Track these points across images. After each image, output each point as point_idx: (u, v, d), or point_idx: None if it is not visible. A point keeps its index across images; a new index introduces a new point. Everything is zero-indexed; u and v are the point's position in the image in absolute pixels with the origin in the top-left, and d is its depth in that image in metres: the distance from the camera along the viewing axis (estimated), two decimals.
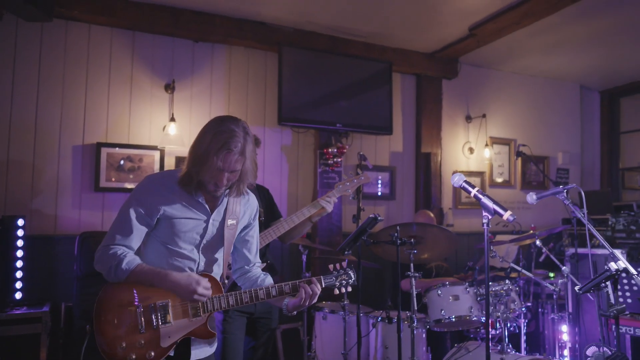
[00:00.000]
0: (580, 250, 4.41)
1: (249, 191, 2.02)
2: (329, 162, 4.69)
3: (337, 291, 2.02)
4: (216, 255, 2.00)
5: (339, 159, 4.72)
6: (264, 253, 3.01)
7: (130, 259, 1.81)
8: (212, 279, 1.90)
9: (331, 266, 2.05)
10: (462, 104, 5.72)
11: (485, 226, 1.99)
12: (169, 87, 4.35)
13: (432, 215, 4.53)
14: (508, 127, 5.99)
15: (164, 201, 1.84)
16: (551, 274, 4.74)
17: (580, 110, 6.62)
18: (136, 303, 1.78)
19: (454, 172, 2.08)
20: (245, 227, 2.08)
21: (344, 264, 2.03)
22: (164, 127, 4.30)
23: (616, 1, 4.20)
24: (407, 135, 5.44)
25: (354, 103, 4.84)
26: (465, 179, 2.08)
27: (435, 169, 5.37)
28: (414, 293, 3.21)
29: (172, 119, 4.27)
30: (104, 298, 1.80)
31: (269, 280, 2.11)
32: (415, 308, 3.18)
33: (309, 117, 4.63)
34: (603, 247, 4.59)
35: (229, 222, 1.95)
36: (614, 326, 3.62)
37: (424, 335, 3.57)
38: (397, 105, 5.33)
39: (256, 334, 3.01)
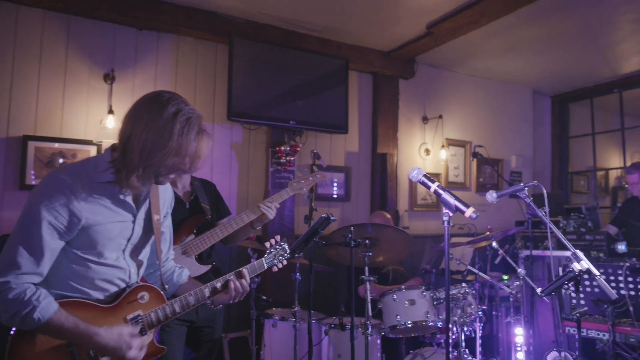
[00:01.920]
0: (535, 252, 4.40)
1: None
2: (282, 160, 4.46)
3: (275, 268, 1.97)
4: (144, 258, 1.75)
5: (292, 158, 4.51)
6: (209, 254, 2.78)
7: (45, 305, 1.43)
8: (151, 289, 1.67)
9: (267, 244, 1.98)
10: (419, 104, 5.65)
11: (445, 224, 1.83)
12: (108, 77, 4.01)
13: (389, 216, 4.40)
14: (464, 129, 5.97)
15: (84, 205, 1.49)
16: (505, 277, 4.70)
17: (532, 115, 6.71)
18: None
19: (413, 168, 1.90)
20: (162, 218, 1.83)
21: (278, 237, 1.99)
22: (101, 120, 3.95)
23: (568, 5, 4.22)
24: (363, 135, 5.30)
25: (309, 100, 4.65)
26: (424, 173, 1.92)
27: (392, 170, 5.25)
28: (369, 298, 3.03)
29: (111, 112, 3.93)
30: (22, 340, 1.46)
31: (185, 273, 1.91)
32: (370, 314, 3.01)
33: (261, 113, 4.39)
34: (555, 249, 4.59)
35: (155, 217, 1.70)
36: (567, 328, 3.59)
37: (378, 342, 3.40)
38: (353, 104, 5.17)
39: (197, 345, 2.75)
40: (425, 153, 5.58)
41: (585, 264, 2.00)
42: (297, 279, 3.44)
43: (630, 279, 3.28)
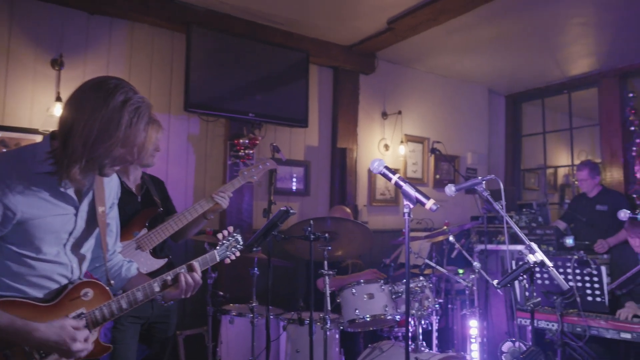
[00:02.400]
0: (489, 247, 4.51)
1: None
2: (240, 153, 4.37)
3: (228, 260, 1.89)
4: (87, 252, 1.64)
5: (251, 151, 4.42)
6: (161, 248, 2.68)
7: None
8: (95, 285, 1.56)
9: (220, 235, 1.90)
10: (378, 100, 5.67)
11: (406, 216, 1.82)
12: (56, 63, 3.79)
13: (348, 211, 4.39)
14: (422, 126, 6.04)
15: (20, 198, 1.38)
16: (460, 270, 4.80)
17: (488, 113, 6.89)
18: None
19: (374, 159, 1.89)
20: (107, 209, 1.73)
21: (230, 229, 1.93)
22: (48, 108, 3.74)
23: (522, 6, 4.33)
24: (323, 130, 5.27)
25: (269, 92, 4.57)
26: (385, 164, 1.90)
27: (351, 165, 5.25)
28: (328, 292, 3.01)
29: (59, 99, 3.72)
30: None
31: (134, 267, 1.82)
32: (329, 308, 2.98)
33: (219, 105, 4.28)
34: (509, 243, 4.72)
35: (100, 209, 1.60)
36: (519, 319, 3.70)
37: (337, 337, 3.39)
38: (313, 98, 5.13)
39: (150, 342, 2.65)
40: (385, 148, 5.62)
41: (539, 255, 2.05)
42: (255, 274, 3.38)
43: (577, 271, 3.41)
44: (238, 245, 1.90)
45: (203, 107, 4.20)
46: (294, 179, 4.97)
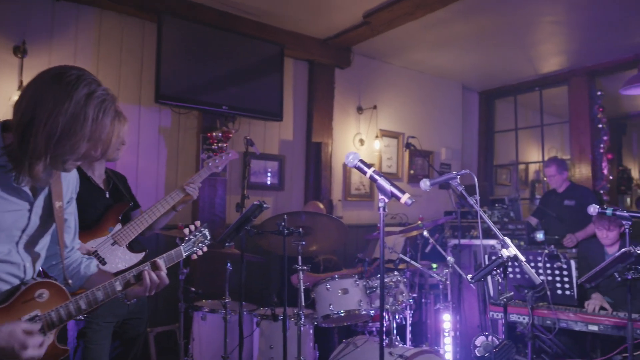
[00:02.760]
0: (462, 241, 4.55)
1: None
2: (213, 147, 4.28)
3: (195, 256, 1.82)
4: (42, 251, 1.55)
5: (224, 144, 4.33)
6: (137, 242, 2.61)
7: None
8: (51, 286, 1.47)
9: (186, 230, 1.83)
10: (354, 94, 5.65)
11: (381, 210, 1.79)
12: (19, 50, 3.63)
13: (322, 206, 4.36)
14: (397, 121, 6.05)
15: None
16: (434, 265, 4.83)
17: (462, 109, 6.95)
18: None
19: (349, 152, 1.85)
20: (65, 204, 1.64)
21: (197, 223, 1.85)
22: (10, 97, 3.58)
23: (496, 3, 4.37)
24: (298, 123, 5.22)
25: (243, 85, 4.49)
26: (360, 158, 1.86)
27: (326, 160, 5.22)
28: (302, 288, 2.98)
29: (22, 88, 3.56)
30: None
31: (94, 263, 1.73)
32: (303, 304, 2.95)
33: (191, 97, 4.18)
34: (482, 237, 4.77)
35: (57, 204, 1.51)
36: (491, 313, 3.75)
37: (311, 332, 3.36)
38: (288, 91, 5.07)
39: (122, 338, 2.57)
40: (360, 143, 5.61)
41: (512, 250, 2.06)
42: (228, 270, 3.32)
43: (548, 265, 3.46)
44: (206, 241, 1.84)
45: (175, 99, 4.10)
46: (269, 173, 4.91)
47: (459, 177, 2.32)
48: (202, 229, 1.84)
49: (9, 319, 1.36)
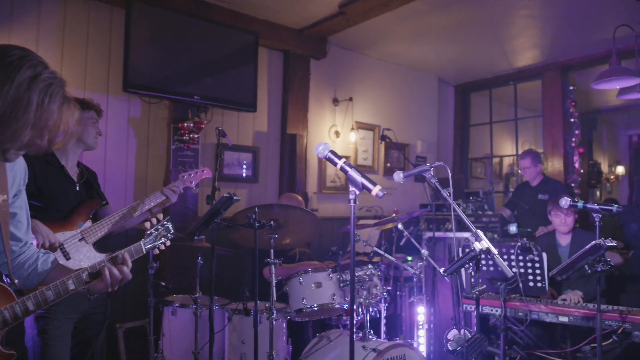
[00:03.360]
0: (437, 234, 4.56)
1: None
2: (185, 138, 4.17)
3: (157, 251, 1.74)
4: None
5: (196, 136, 4.23)
6: (104, 242, 2.52)
7: None
8: None
9: (148, 224, 1.74)
10: (329, 86, 5.59)
11: (352, 202, 1.74)
12: None
13: (300, 199, 4.29)
14: (373, 113, 6.02)
15: None
16: (409, 258, 4.83)
17: (437, 102, 6.96)
18: None
19: (319, 143, 1.79)
20: (12, 197, 1.53)
21: (160, 216, 1.77)
22: None
23: None
24: (273, 115, 5.13)
25: (216, 75, 4.38)
26: (331, 148, 1.81)
27: (301, 152, 5.15)
28: (274, 282, 2.92)
29: None
30: None
31: (51, 259, 1.64)
32: (275, 298, 2.90)
33: (162, 86, 4.05)
34: (455, 230, 4.79)
35: (1, 198, 1.41)
36: (465, 305, 3.76)
37: (284, 326, 3.31)
38: (262, 82, 4.98)
39: (83, 333, 2.48)
40: (335, 135, 5.56)
41: (485, 243, 2.04)
42: (199, 264, 3.24)
43: (520, 257, 3.48)
44: (168, 234, 1.75)
45: (144, 88, 3.97)
46: (243, 165, 4.82)
47: (432, 169, 2.29)
48: (165, 222, 1.75)
49: None
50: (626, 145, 11.47)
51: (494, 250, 2.04)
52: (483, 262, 3.52)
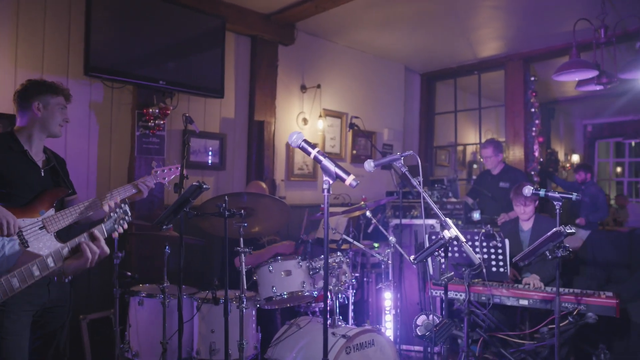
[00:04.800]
0: (404, 221, 4.63)
1: None
2: (150, 124, 4.06)
3: (116, 234, 1.78)
4: None
5: (162, 122, 4.12)
6: (67, 232, 2.44)
7: None
8: None
9: (107, 207, 1.85)
10: (297, 72, 5.54)
11: (325, 192, 1.75)
12: None
13: (264, 186, 4.27)
14: (341, 101, 6.02)
15: None
16: (376, 245, 4.90)
17: (404, 91, 7.02)
18: None
19: (292, 132, 1.78)
20: None
21: (118, 199, 1.88)
22: None
23: None
24: (240, 101, 5.06)
25: (182, 59, 4.27)
26: (304, 138, 1.80)
27: (269, 139, 5.11)
28: (244, 270, 2.91)
29: None
30: None
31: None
32: (245, 286, 2.89)
33: (126, 70, 3.91)
34: (420, 218, 4.87)
35: None
36: (430, 291, 3.86)
37: (253, 315, 3.32)
38: (229, 67, 4.89)
39: (44, 328, 2.40)
40: (303, 122, 5.54)
41: (454, 231, 2.09)
42: (167, 253, 3.19)
43: (484, 243, 3.59)
44: (126, 217, 1.79)
45: (107, 72, 3.82)
46: (209, 153, 4.75)
47: (402, 158, 2.32)
48: (123, 206, 1.80)
49: None
50: (581, 134, 11.96)
51: (462, 239, 2.10)
52: (437, 253, 3.61)
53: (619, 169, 12.26)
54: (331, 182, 1.77)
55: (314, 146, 1.81)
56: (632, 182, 11.93)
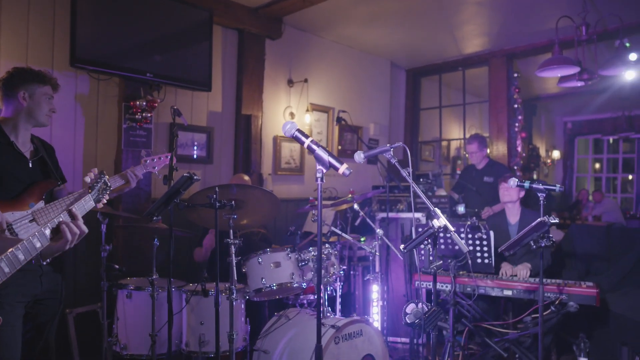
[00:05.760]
0: (390, 215, 4.69)
1: None
2: (137, 117, 4.03)
3: (101, 205, 1.87)
4: None
5: (149, 115, 4.10)
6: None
7: None
8: None
9: (88, 178, 1.87)
10: (284, 67, 5.55)
11: (319, 181, 1.77)
12: None
13: (247, 178, 4.25)
14: (327, 96, 6.05)
15: None
16: (362, 238, 4.95)
17: (390, 86, 7.08)
18: None
19: (286, 122, 1.80)
20: None
21: (95, 170, 1.91)
22: None
23: None
24: (227, 95, 5.05)
25: (170, 52, 4.24)
26: (298, 127, 1.83)
27: (256, 133, 5.11)
28: (234, 262, 2.92)
29: None
30: None
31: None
32: (235, 278, 2.90)
33: (112, 62, 3.87)
34: (406, 211, 4.94)
35: None
36: (416, 282, 3.92)
37: (242, 307, 3.33)
38: (217, 61, 4.87)
39: (35, 320, 2.38)
40: (290, 117, 5.54)
41: (443, 221, 2.13)
42: (155, 245, 3.19)
43: (470, 235, 3.66)
44: (107, 188, 1.87)
45: (93, 64, 3.78)
46: (196, 146, 4.73)
47: (392, 150, 2.35)
48: (102, 176, 1.87)
49: None
50: (561, 131, 12.19)
51: (451, 228, 2.15)
52: (427, 242, 3.68)
53: (597, 165, 12.54)
54: (325, 171, 1.79)
55: (307, 136, 1.83)
56: (609, 177, 12.22)
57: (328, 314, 3.24)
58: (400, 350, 4.33)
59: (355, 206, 3.82)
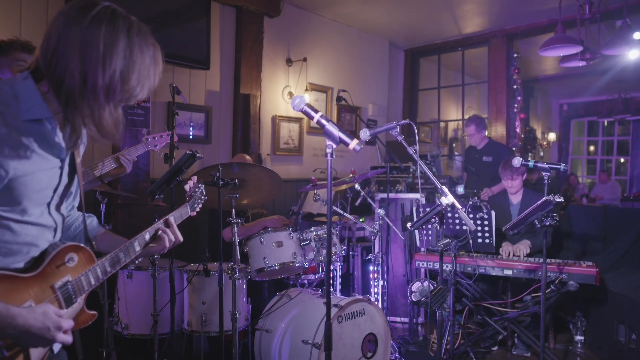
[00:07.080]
0: (390, 195, 4.67)
1: None
2: None
3: (194, 213, 1.88)
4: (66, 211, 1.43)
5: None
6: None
7: None
8: (79, 249, 1.34)
9: (187, 187, 1.89)
10: (283, 45, 5.46)
11: (329, 156, 1.74)
12: None
13: (249, 158, 4.21)
14: (326, 75, 5.97)
15: (9, 152, 1.14)
16: (361, 219, 4.94)
17: (388, 66, 7.00)
18: None
19: (295, 96, 1.76)
20: None
21: (195, 179, 1.90)
22: None
23: None
24: (225, 74, 4.96)
25: (167, 29, 4.15)
26: (307, 102, 1.78)
27: (255, 112, 5.05)
28: (237, 241, 2.89)
29: None
30: None
31: (95, 221, 1.62)
32: (238, 257, 2.88)
33: None
34: (405, 192, 4.92)
35: (78, 159, 1.38)
36: (417, 262, 3.92)
37: (244, 286, 3.32)
38: (215, 39, 4.78)
39: None
40: (289, 96, 5.48)
41: (450, 198, 2.11)
42: None
43: (471, 215, 3.65)
44: (202, 197, 1.89)
45: None
46: (192, 126, 4.67)
47: (398, 127, 2.32)
48: (200, 186, 1.89)
49: (40, 286, 1.24)
50: (557, 113, 12.20)
51: (458, 206, 2.13)
52: (433, 220, 3.67)
53: (592, 148, 12.59)
54: (334, 146, 1.76)
55: (316, 110, 1.79)
56: (604, 159, 12.28)
57: (331, 294, 3.24)
58: (399, 329, 4.36)
59: (357, 186, 3.80)
